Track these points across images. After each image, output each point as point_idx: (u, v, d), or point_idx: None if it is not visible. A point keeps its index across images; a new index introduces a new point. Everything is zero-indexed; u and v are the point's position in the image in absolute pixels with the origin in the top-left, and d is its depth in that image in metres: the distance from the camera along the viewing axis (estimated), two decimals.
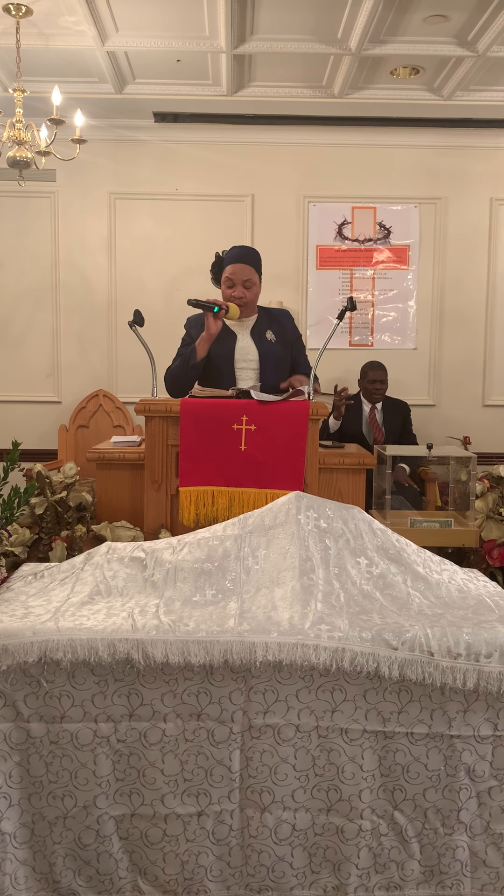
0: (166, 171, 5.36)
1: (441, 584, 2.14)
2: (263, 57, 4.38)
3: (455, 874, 1.88)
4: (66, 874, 1.86)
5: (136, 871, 1.86)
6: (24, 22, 3.88)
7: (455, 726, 1.84)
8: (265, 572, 2.09)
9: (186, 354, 3.26)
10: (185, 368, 3.23)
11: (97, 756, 1.83)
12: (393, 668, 1.81)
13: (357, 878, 1.86)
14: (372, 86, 4.76)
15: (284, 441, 2.86)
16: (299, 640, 1.81)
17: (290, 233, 5.44)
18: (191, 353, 3.22)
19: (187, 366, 3.22)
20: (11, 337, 5.46)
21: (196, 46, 4.23)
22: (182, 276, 5.36)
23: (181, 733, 1.83)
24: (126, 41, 4.19)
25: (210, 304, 3.12)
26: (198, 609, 1.98)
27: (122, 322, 5.31)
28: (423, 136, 5.32)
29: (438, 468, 4.76)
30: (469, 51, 4.24)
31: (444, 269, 5.49)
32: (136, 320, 3.25)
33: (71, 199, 5.38)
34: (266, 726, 1.83)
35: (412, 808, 1.86)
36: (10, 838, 1.84)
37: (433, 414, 5.50)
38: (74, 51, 4.28)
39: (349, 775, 1.84)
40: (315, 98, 4.87)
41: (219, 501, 2.87)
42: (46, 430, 5.44)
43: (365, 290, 5.49)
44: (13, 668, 1.81)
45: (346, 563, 2.12)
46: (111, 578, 2.12)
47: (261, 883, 1.87)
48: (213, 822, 1.85)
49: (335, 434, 4.78)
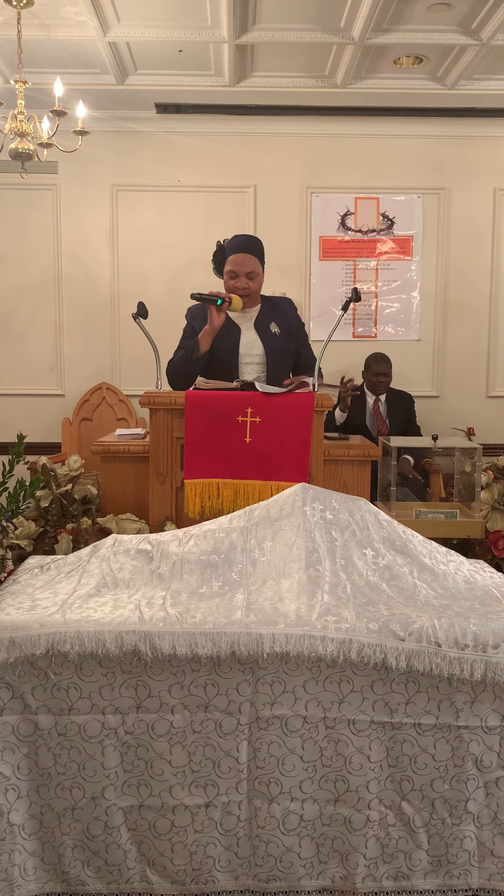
0: (168, 163, 5.34)
1: (447, 575, 2.14)
2: (266, 47, 4.35)
3: (463, 864, 1.88)
4: (74, 865, 1.86)
5: (144, 861, 1.87)
6: (25, 13, 3.86)
7: (462, 717, 1.84)
8: (271, 564, 2.09)
9: (189, 347, 3.23)
10: (189, 362, 3.20)
11: (105, 748, 1.83)
12: (400, 659, 1.81)
13: (365, 868, 1.87)
14: (375, 75, 4.74)
15: (289, 433, 2.85)
16: (306, 631, 1.81)
17: (293, 224, 5.42)
18: (194, 347, 3.20)
19: (190, 359, 3.20)
20: (14, 330, 5.45)
21: (198, 36, 4.21)
22: (185, 267, 5.35)
23: (189, 725, 1.83)
24: (128, 32, 4.16)
25: (213, 297, 3.10)
26: (204, 601, 1.98)
27: (125, 314, 5.29)
28: (427, 125, 5.29)
29: (443, 459, 4.75)
30: (473, 39, 4.21)
31: (448, 260, 5.47)
32: (139, 312, 3.24)
33: (73, 192, 5.36)
34: (273, 717, 1.83)
35: (420, 798, 1.86)
36: (19, 829, 1.84)
37: (437, 405, 5.49)
38: (76, 42, 4.25)
39: (357, 766, 1.84)
40: (318, 88, 4.84)
41: (224, 494, 2.87)
42: (50, 424, 5.44)
43: (368, 281, 5.47)
44: (21, 661, 1.81)
45: (353, 554, 2.12)
46: (117, 571, 2.12)
47: (269, 873, 1.87)
48: (220, 813, 1.86)
49: (340, 426, 4.77)
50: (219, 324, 3.15)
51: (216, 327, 3.15)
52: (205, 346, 3.18)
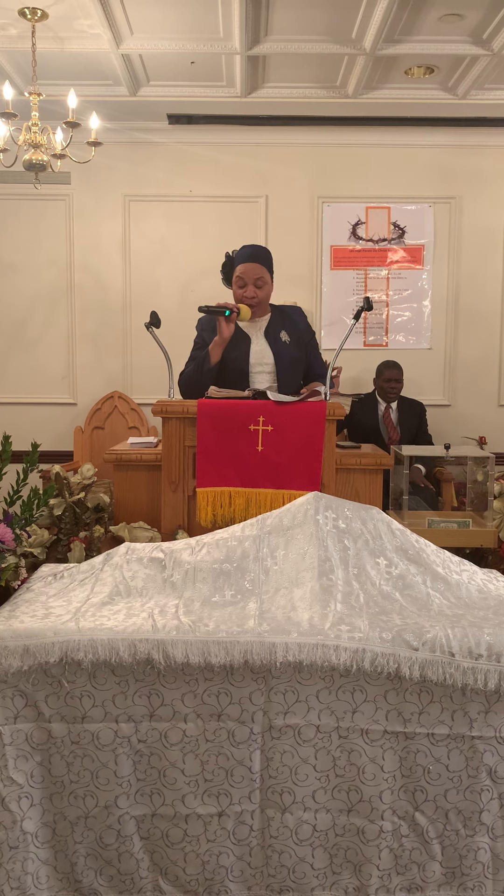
0: (180, 173, 5.37)
1: (461, 584, 2.13)
2: (277, 58, 4.38)
3: (477, 876, 1.87)
4: (87, 874, 1.86)
5: (157, 870, 1.87)
6: (39, 26, 3.90)
7: (476, 727, 1.83)
8: (284, 573, 2.09)
9: (200, 359, 3.23)
10: (200, 374, 3.20)
11: (118, 756, 1.83)
12: (414, 669, 1.80)
13: (378, 879, 1.86)
14: (386, 86, 4.75)
15: (301, 441, 2.86)
16: (319, 640, 1.81)
17: (304, 233, 5.44)
18: (204, 358, 3.21)
19: (201, 371, 3.20)
20: (27, 339, 5.49)
21: (210, 48, 4.24)
22: (196, 277, 5.37)
23: (202, 733, 1.83)
24: (140, 44, 4.20)
25: (221, 309, 3.11)
26: (217, 609, 1.98)
27: (137, 323, 5.32)
28: (438, 135, 5.31)
29: (454, 468, 4.74)
30: (484, 49, 4.22)
31: (459, 269, 5.47)
32: (152, 321, 3.25)
33: (86, 202, 5.40)
34: (286, 727, 1.83)
35: (433, 809, 1.85)
36: (32, 837, 1.84)
37: (448, 414, 5.48)
38: (89, 54, 4.29)
39: (370, 776, 1.84)
40: (329, 98, 4.87)
41: (236, 502, 2.87)
42: (62, 432, 5.46)
43: (379, 290, 5.47)
44: (35, 669, 1.81)
45: (366, 563, 2.11)
46: (130, 579, 2.13)
47: (281, 884, 1.87)
48: (233, 823, 1.85)
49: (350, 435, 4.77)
50: (228, 335, 3.15)
51: (226, 338, 3.16)
52: (215, 358, 3.19)
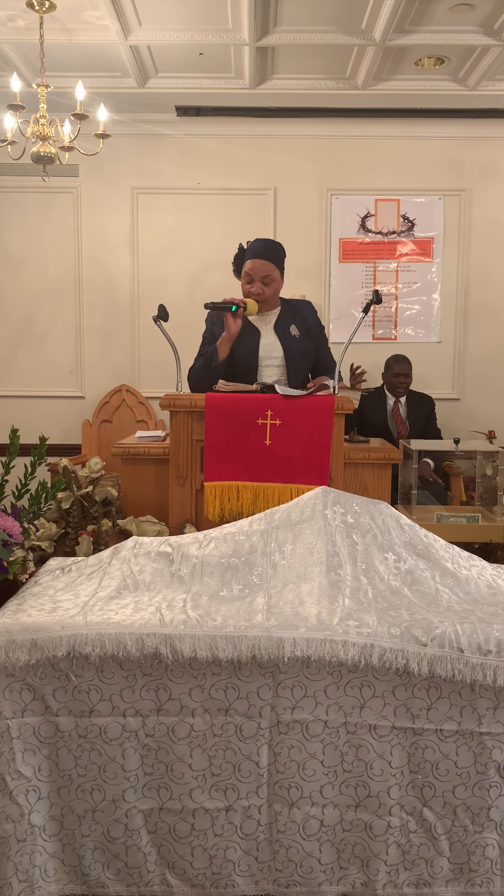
0: (188, 165, 5.35)
1: (470, 580, 2.12)
2: (286, 49, 4.35)
3: (485, 872, 1.86)
4: (94, 867, 1.87)
5: (164, 864, 1.87)
6: (47, 17, 3.88)
7: (485, 723, 1.82)
8: (292, 568, 2.09)
9: (208, 355, 3.22)
10: (208, 370, 3.19)
11: (125, 750, 1.83)
12: (422, 665, 1.79)
13: (386, 874, 1.85)
14: (396, 77, 4.72)
15: (309, 436, 2.85)
16: (327, 635, 1.80)
17: (312, 226, 5.41)
18: (213, 354, 3.20)
19: (209, 367, 3.19)
20: (35, 333, 5.49)
21: (219, 39, 4.21)
22: (204, 270, 5.35)
23: (209, 728, 1.83)
24: (149, 35, 4.18)
25: (227, 305, 3.09)
26: (225, 604, 1.98)
27: (145, 317, 5.32)
28: (448, 127, 5.27)
29: (463, 463, 4.72)
30: (495, 40, 4.18)
31: (469, 262, 5.43)
32: (160, 315, 3.24)
33: (93, 194, 5.39)
34: (294, 722, 1.82)
35: (441, 805, 1.85)
36: (40, 831, 1.85)
37: (458, 408, 5.46)
38: (97, 45, 4.28)
39: (378, 772, 1.83)
40: (338, 90, 4.83)
41: (243, 496, 2.87)
42: (70, 425, 5.47)
43: (388, 283, 5.44)
44: (42, 663, 1.81)
45: (374, 558, 2.10)
46: (138, 573, 2.12)
47: (289, 878, 1.86)
48: (241, 817, 1.85)
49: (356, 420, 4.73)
50: (236, 330, 3.14)
51: (233, 334, 3.15)
52: (223, 353, 3.18)
